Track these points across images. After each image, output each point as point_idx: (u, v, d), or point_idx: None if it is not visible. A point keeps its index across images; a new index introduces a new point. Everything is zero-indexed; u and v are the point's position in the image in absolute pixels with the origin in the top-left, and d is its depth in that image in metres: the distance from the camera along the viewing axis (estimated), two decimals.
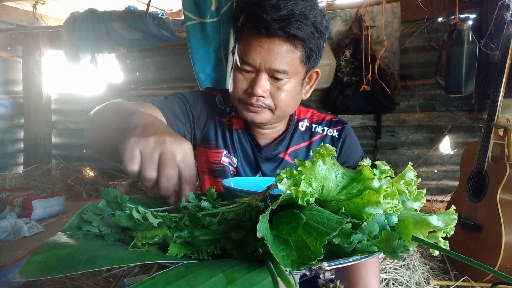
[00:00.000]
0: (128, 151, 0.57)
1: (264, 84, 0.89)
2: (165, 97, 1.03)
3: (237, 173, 1.08)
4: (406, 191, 0.59)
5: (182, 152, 0.59)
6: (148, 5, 2.91)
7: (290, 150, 1.08)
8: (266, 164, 1.08)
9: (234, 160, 1.08)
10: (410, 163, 0.61)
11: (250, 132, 1.08)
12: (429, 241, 0.56)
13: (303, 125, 1.09)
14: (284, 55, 0.86)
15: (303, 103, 1.13)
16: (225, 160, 1.08)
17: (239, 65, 0.91)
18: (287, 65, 0.88)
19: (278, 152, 1.07)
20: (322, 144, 0.56)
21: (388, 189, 0.52)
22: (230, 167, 1.08)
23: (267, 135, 1.07)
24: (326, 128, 1.09)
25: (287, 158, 1.08)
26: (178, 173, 0.58)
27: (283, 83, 0.90)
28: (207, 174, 1.11)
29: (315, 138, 1.08)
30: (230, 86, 0.98)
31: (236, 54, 0.94)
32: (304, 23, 0.83)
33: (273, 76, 0.89)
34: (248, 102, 0.92)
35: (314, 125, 1.09)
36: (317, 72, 1.00)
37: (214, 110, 1.08)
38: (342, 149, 1.07)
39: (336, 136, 1.08)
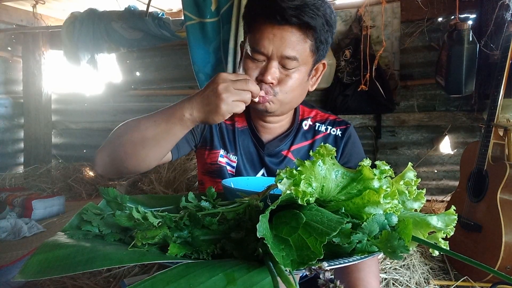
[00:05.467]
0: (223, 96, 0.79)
1: (274, 71, 0.92)
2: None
3: (237, 171, 1.09)
4: (406, 191, 0.59)
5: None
6: (148, 5, 2.91)
7: (293, 148, 1.09)
8: (269, 160, 1.08)
9: (233, 158, 1.09)
10: (410, 163, 0.61)
11: (252, 128, 1.09)
12: (429, 241, 0.56)
13: (306, 124, 1.11)
14: (295, 43, 0.90)
15: (308, 103, 1.14)
16: (221, 160, 1.09)
17: (250, 54, 0.93)
18: (297, 53, 0.90)
19: (281, 149, 1.08)
20: (322, 144, 0.56)
21: (388, 189, 0.53)
22: (228, 167, 1.09)
23: (270, 130, 1.08)
24: (329, 127, 1.10)
25: (290, 155, 1.08)
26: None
27: (292, 71, 0.93)
28: (206, 176, 1.12)
29: (318, 136, 1.10)
30: None
31: (246, 44, 0.96)
32: (317, 13, 0.87)
33: (284, 64, 0.92)
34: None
35: (317, 124, 1.11)
36: (323, 64, 1.03)
37: None
38: (345, 149, 1.09)
39: (340, 135, 1.09)
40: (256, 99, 0.87)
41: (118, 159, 0.90)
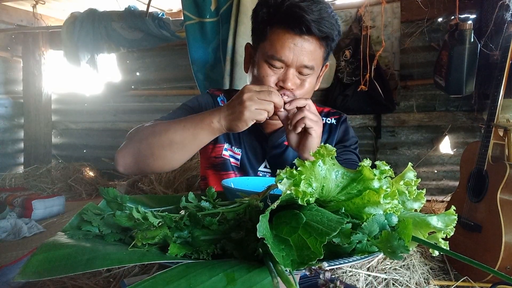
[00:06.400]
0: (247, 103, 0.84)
1: (293, 78, 0.98)
2: (173, 111, 1.10)
3: (241, 163, 1.14)
4: (406, 192, 0.59)
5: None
6: (148, 5, 2.92)
7: None
8: (272, 151, 1.14)
9: (237, 151, 1.14)
10: (410, 163, 0.61)
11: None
12: (429, 241, 0.56)
13: None
14: (313, 52, 0.96)
15: None
16: (225, 153, 1.14)
17: (269, 61, 0.98)
18: (314, 61, 0.98)
19: (284, 139, 1.13)
20: (322, 144, 0.56)
21: (388, 189, 0.52)
22: (232, 159, 1.14)
23: (272, 124, 1.13)
24: (325, 118, 1.18)
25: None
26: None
27: (307, 78, 1.00)
28: (210, 169, 1.17)
29: None
30: (254, 82, 1.03)
31: (261, 50, 1.00)
32: (334, 24, 0.96)
33: (300, 71, 0.98)
34: None
35: None
36: (326, 65, 1.10)
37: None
38: (339, 134, 1.18)
39: (334, 123, 1.18)
40: (282, 111, 0.90)
41: (143, 160, 0.94)
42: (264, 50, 0.98)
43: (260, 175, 1.15)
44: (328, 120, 1.18)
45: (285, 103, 0.90)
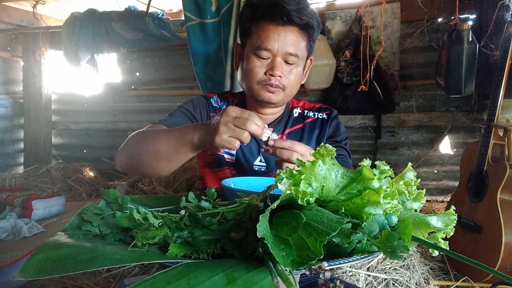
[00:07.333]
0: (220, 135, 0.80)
1: (280, 66, 1.04)
2: (169, 114, 1.14)
3: (236, 160, 1.18)
4: (406, 192, 0.59)
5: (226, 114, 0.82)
6: (148, 5, 2.92)
7: (287, 131, 1.21)
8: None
9: None
10: (409, 163, 0.61)
11: None
12: (429, 241, 0.56)
13: (296, 112, 1.25)
14: (296, 41, 1.04)
15: (295, 97, 1.25)
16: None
17: (255, 52, 1.05)
18: (298, 50, 1.05)
19: (277, 133, 1.17)
20: (322, 144, 0.56)
21: (388, 189, 0.53)
22: (226, 156, 1.18)
23: (265, 118, 1.17)
24: (316, 113, 1.25)
25: (284, 138, 1.16)
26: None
27: (293, 67, 1.07)
28: (206, 168, 1.21)
29: (308, 121, 1.24)
30: (245, 75, 1.09)
31: (249, 45, 1.07)
32: (313, 15, 1.04)
33: (286, 59, 1.05)
34: (268, 84, 1.05)
35: (306, 111, 1.25)
36: (311, 59, 1.17)
37: (209, 109, 1.20)
38: (330, 128, 1.23)
39: (326, 118, 1.23)
40: (264, 138, 0.85)
41: (135, 165, 0.97)
42: (252, 43, 1.06)
43: (256, 169, 1.17)
44: (320, 115, 1.23)
45: (267, 144, 0.86)
